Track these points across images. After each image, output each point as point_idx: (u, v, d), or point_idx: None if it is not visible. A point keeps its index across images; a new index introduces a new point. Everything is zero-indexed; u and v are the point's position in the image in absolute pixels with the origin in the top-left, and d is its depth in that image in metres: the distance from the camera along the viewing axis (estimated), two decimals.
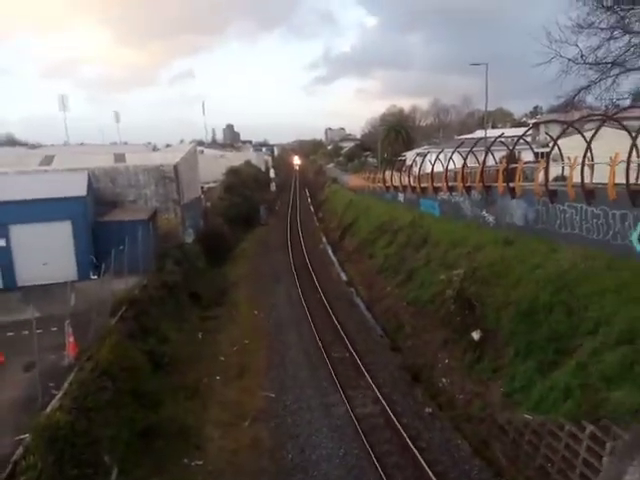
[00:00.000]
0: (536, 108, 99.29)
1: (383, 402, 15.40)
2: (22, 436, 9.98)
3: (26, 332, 13.54)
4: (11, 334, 15.02)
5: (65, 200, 22.54)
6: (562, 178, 22.73)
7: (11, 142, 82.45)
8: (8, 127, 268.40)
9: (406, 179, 37.35)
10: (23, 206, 21.62)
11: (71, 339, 13.70)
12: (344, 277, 33.45)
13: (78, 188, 23.72)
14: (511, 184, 20.66)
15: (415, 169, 36.12)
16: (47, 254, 21.49)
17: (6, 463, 9.19)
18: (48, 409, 10.87)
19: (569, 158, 18.97)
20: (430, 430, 14.04)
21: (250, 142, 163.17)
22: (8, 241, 21.39)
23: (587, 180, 16.61)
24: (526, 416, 11.93)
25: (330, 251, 42.94)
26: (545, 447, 11.15)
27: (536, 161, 26.59)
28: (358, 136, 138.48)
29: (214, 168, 56.79)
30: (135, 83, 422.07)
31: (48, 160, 30.90)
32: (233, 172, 57.80)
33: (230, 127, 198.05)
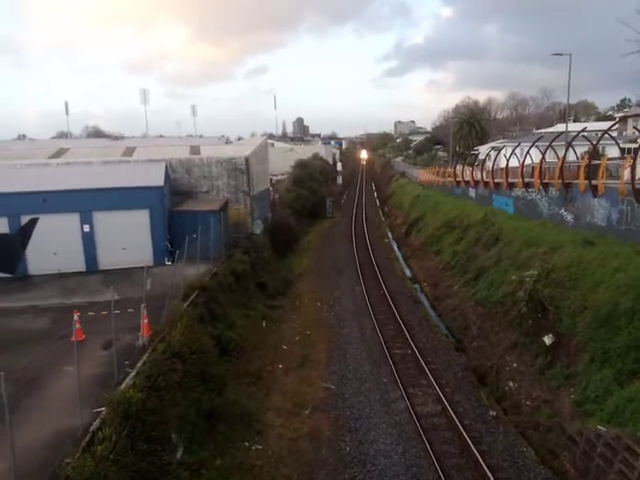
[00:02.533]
0: (623, 101, 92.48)
1: (445, 401, 15.09)
2: (99, 409, 10.69)
3: (105, 312, 14.46)
4: (92, 314, 16.05)
5: (144, 189, 23.77)
6: None
7: (97, 134, 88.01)
8: (94, 120, 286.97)
9: (478, 174, 36.13)
10: (106, 194, 23.03)
11: (146, 321, 14.45)
12: (409, 273, 32.99)
13: (156, 178, 24.93)
14: (593, 182, 19.42)
15: (489, 163, 34.88)
16: (126, 240, 22.80)
17: (86, 432, 9.90)
18: (123, 386, 11.55)
19: None
20: (493, 434, 13.59)
21: (319, 135, 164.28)
22: (92, 227, 22.88)
23: None
24: (599, 427, 11.24)
25: (395, 246, 42.48)
26: (620, 462, 10.46)
27: (622, 157, 24.80)
28: (429, 129, 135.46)
29: (283, 161, 57.77)
30: (211, 78, 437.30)
31: (129, 151, 32.67)
32: (301, 165, 58.44)
33: (300, 120, 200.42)
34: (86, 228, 22.85)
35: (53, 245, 21.81)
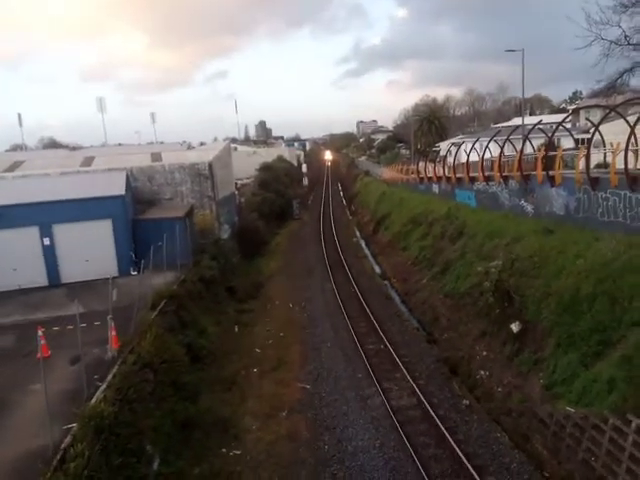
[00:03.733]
0: (575, 93, 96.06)
1: (419, 394, 15.31)
2: (70, 425, 10.39)
3: (71, 327, 14.12)
4: (57, 329, 15.60)
5: (105, 199, 23.23)
6: (604, 165, 21.94)
7: (53, 144, 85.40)
8: (50, 131, 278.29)
9: (440, 170, 36.80)
10: (66, 206, 22.39)
11: (113, 333, 14.14)
12: (378, 270, 33.31)
13: (117, 187, 24.40)
14: (551, 172, 20.05)
15: (450, 159, 35.57)
16: (89, 251, 22.21)
17: (57, 450, 9.61)
18: (93, 400, 11.27)
19: (612, 144, 18.27)
20: (468, 423, 13.88)
21: (282, 138, 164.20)
22: (52, 240, 22.20)
23: (631, 166, 15.95)
24: (568, 409, 11.63)
25: (363, 244, 42.81)
26: (588, 441, 10.85)
27: (576, 148, 25.71)
28: (390, 128, 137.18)
29: (247, 164, 57.45)
30: (170, 84, 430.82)
31: (88, 161, 31.88)
32: (266, 168, 58.28)
33: (262, 123, 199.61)
34: (46, 241, 22.17)
35: (12, 261, 21.03)
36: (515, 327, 15.59)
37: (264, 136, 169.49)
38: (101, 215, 22.77)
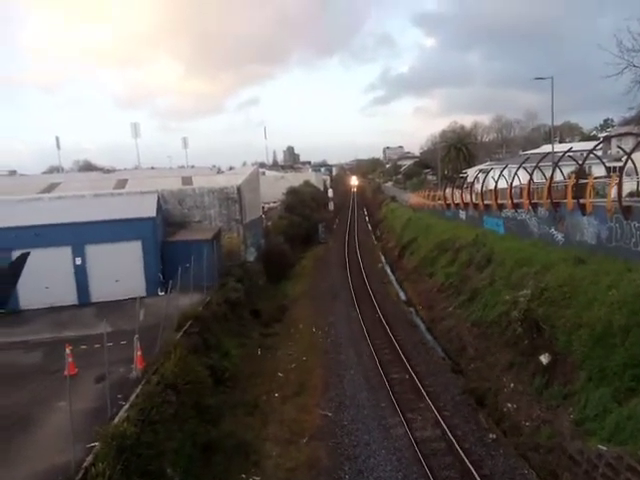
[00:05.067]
0: (606, 121, 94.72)
1: (444, 425, 14.92)
2: (92, 444, 10.47)
3: (98, 345, 14.31)
4: (84, 347, 15.88)
5: (136, 221, 23.82)
6: (637, 194, 21.44)
7: (88, 167, 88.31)
8: (85, 154, 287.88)
9: (468, 196, 36.54)
10: (98, 227, 23.03)
11: (139, 353, 14.30)
12: (403, 296, 32.97)
13: (148, 209, 25.00)
14: (581, 200, 19.70)
15: (477, 186, 35.32)
16: (119, 272, 22.70)
17: (79, 468, 9.67)
18: (116, 419, 11.35)
19: None
20: (494, 457, 13.41)
21: (309, 163, 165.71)
22: (84, 260, 22.78)
23: None
24: (600, 447, 11.13)
25: (389, 270, 42.52)
26: None
27: (608, 176, 25.23)
28: (417, 154, 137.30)
29: (275, 188, 58.20)
30: (203, 111, 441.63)
31: (121, 183, 32.82)
32: (293, 192, 58.90)
33: (290, 149, 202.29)
34: (78, 261, 22.76)
35: (45, 279, 21.63)
36: (544, 359, 15.13)
37: (292, 161, 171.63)
38: (131, 236, 23.31)
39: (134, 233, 23.39)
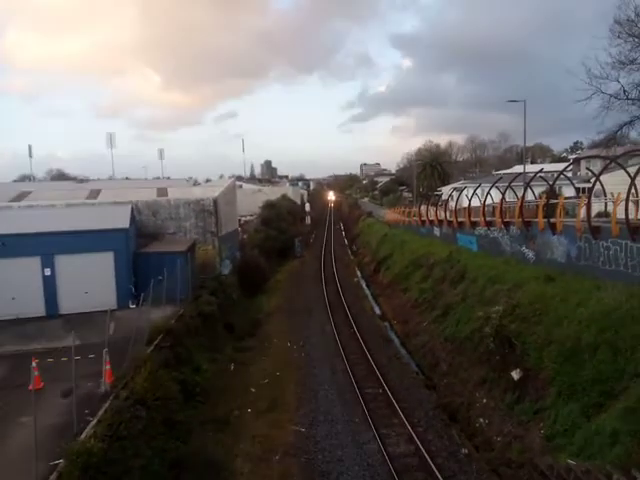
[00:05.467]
0: (576, 143, 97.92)
1: (417, 441, 14.90)
2: (57, 461, 10.11)
3: (65, 359, 13.92)
4: (51, 360, 15.40)
5: (108, 232, 23.37)
6: (605, 214, 22.11)
7: (61, 177, 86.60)
8: (60, 163, 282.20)
9: (442, 213, 37.08)
10: (68, 237, 22.49)
11: (108, 367, 13.95)
12: (378, 311, 33.06)
13: (121, 220, 24.58)
14: (552, 220, 20.19)
15: (451, 203, 35.91)
16: (89, 283, 22.18)
17: None
18: (83, 436, 11.01)
19: (612, 194, 18.47)
20: (466, 473, 13.43)
21: (287, 177, 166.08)
22: (53, 270, 22.20)
23: (632, 216, 16.08)
24: (569, 462, 11.27)
25: (364, 284, 42.66)
26: None
27: (577, 196, 25.98)
28: (393, 171, 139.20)
29: (252, 202, 58.05)
30: (181, 123, 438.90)
31: (94, 194, 32.28)
32: (270, 206, 58.79)
33: (268, 163, 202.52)
34: (47, 272, 22.16)
35: (11, 290, 20.96)
36: (516, 374, 15.32)
37: (269, 175, 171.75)
38: (103, 247, 22.85)
39: (106, 244, 22.94)
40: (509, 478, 12.82)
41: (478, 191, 31.33)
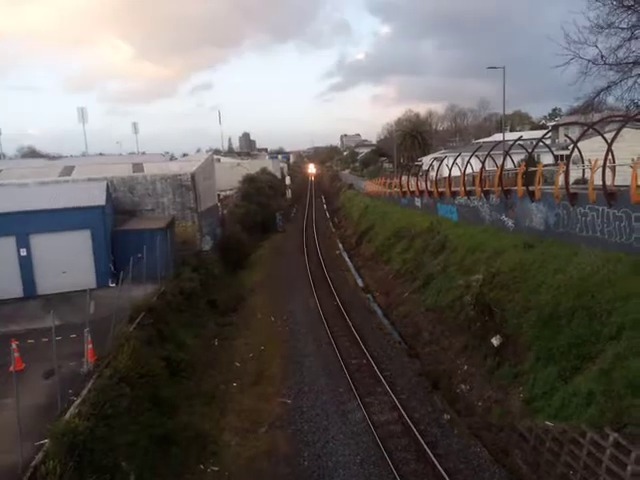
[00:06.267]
0: (555, 110, 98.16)
1: (400, 409, 15.23)
2: (42, 441, 10.08)
3: (46, 339, 13.76)
4: (31, 342, 15.22)
5: (84, 209, 22.87)
6: (583, 181, 22.36)
7: (32, 154, 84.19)
8: (29, 140, 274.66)
9: (423, 184, 37.14)
10: (43, 216, 21.99)
11: (90, 346, 13.83)
12: (360, 283, 33.31)
13: (97, 197, 24.05)
14: (530, 187, 20.36)
15: (432, 174, 35.94)
16: (66, 263, 21.80)
17: (26, 468, 9.29)
18: (67, 415, 10.97)
19: (590, 160, 18.63)
20: (448, 437, 13.83)
21: (266, 150, 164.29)
22: (29, 250, 21.73)
23: (609, 182, 16.29)
24: (547, 423, 11.66)
25: (346, 257, 42.83)
26: (567, 455, 10.88)
27: (556, 164, 26.20)
28: (374, 142, 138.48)
29: (231, 176, 57.29)
30: (154, 95, 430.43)
31: (68, 170, 31.45)
32: (249, 180, 58.14)
33: (246, 135, 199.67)
34: (23, 252, 21.69)
35: None
36: (496, 341, 15.66)
37: (248, 148, 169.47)
38: (80, 226, 22.40)
39: (82, 222, 22.48)
40: (490, 441, 13.25)
41: (458, 160, 31.36)
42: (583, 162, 21.87)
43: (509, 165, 26.24)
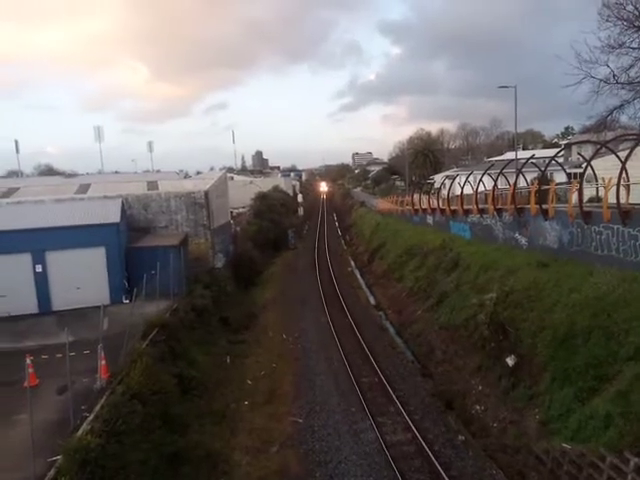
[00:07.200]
0: (567, 129, 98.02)
1: (414, 429, 15.01)
2: (54, 458, 10.08)
3: (60, 355, 13.83)
4: (45, 357, 15.31)
5: (99, 227, 23.18)
6: (597, 199, 22.18)
7: (49, 172, 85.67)
8: (47, 158, 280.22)
9: (435, 202, 37.12)
10: (59, 233, 22.31)
11: (103, 362, 13.89)
12: (373, 301, 33.14)
13: (112, 215, 24.39)
14: (544, 206, 20.24)
15: (444, 191, 35.93)
16: (81, 279, 22.02)
17: None
18: (80, 432, 10.98)
19: (603, 179, 18.52)
20: (463, 459, 13.56)
21: (278, 168, 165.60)
22: (44, 267, 22.01)
23: (623, 201, 16.15)
24: (564, 445, 11.41)
25: (358, 274, 42.71)
26: (586, 479, 10.60)
27: (569, 182, 26.05)
28: (385, 160, 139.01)
29: (243, 194, 57.77)
30: (170, 114, 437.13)
31: (84, 188, 31.97)
32: (262, 197, 58.57)
33: (259, 154, 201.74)
34: (38, 268, 21.98)
35: (2, 287, 20.74)
36: (510, 361, 15.43)
37: (260, 166, 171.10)
38: (95, 243, 22.68)
39: (97, 239, 22.77)
40: (505, 463, 12.97)
41: (470, 178, 31.35)
42: (597, 180, 21.73)
43: (522, 183, 26.13)
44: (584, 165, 21.64)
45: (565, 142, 75.42)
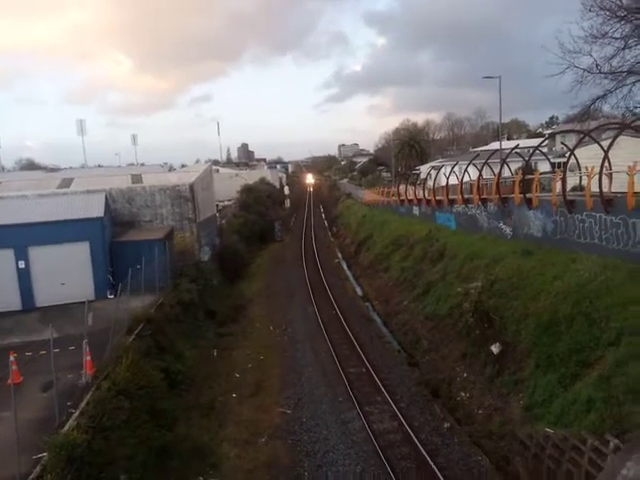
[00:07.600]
0: (552, 118, 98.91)
1: (400, 417, 15.16)
2: (40, 455, 10.01)
3: (44, 352, 13.71)
4: (29, 354, 15.16)
5: (83, 221, 22.90)
6: (580, 188, 22.47)
7: (31, 166, 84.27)
8: (29, 152, 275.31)
9: (421, 192, 37.26)
10: (42, 228, 22.00)
11: (88, 358, 13.78)
12: (359, 292, 33.29)
13: (96, 209, 24.10)
14: (528, 195, 20.43)
15: (430, 182, 36.08)
16: (65, 274, 21.77)
17: None
18: (65, 428, 10.90)
19: (587, 168, 18.73)
20: (449, 446, 13.75)
21: (264, 160, 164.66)
22: (27, 263, 21.72)
23: (605, 189, 16.35)
24: (547, 430, 11.60)
25: (345, 266, 42.84)
26: (568, 462, 10.79)
27: (553, 171, 26.30)
28: (371, 151, 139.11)
29: (229, 186, 57.40)
30: (154, 107, 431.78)
31: (66, 183, 31.50)
32: (248, 190, 58.26)
33: (245, 146, 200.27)
34: (21, 264, 21.67)
35: None
36: (495, 348, 15.63)
37: (246, 158, 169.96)
38: (78, 237, 22.41)
39: (81, 234, 22.49)
40: (491, 449, 13.17)
41: (456, 169, 31.48)
42: (580, 169, 21.98)
43: (506, 173, 26.34)
44: (568, 154, 21.84)
45: (549, 132, 76.09)
